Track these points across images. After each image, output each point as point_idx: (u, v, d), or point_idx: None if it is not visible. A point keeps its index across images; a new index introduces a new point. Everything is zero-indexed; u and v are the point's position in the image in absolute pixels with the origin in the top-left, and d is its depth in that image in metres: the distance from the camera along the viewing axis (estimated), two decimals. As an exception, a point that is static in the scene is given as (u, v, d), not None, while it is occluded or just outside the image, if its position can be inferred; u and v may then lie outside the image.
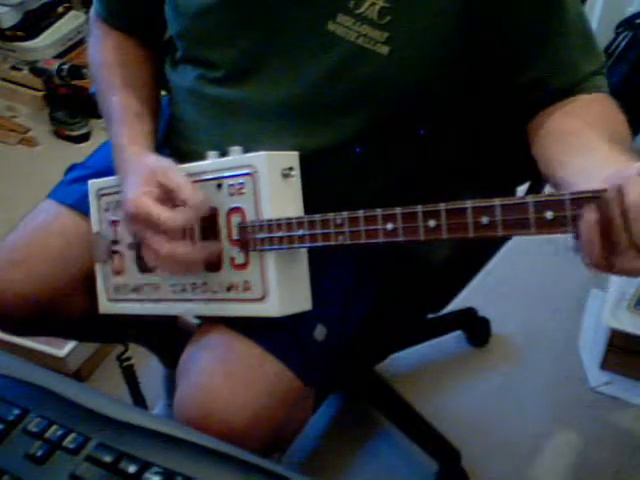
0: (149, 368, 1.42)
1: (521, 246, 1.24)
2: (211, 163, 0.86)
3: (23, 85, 2.48)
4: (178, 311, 0.95)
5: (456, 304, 1.23)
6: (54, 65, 2.26)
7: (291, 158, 0.83)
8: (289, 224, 0.78)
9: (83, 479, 0.59)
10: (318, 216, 0.76)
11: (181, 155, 0.95)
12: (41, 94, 2.42)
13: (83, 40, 2.57)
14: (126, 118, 0.93)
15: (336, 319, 0.93)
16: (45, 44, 2.49)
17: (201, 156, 0.87)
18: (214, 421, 0.80)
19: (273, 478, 0.59)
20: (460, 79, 0.89)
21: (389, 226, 0.70)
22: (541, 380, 1.59)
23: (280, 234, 0.79)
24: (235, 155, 0.85)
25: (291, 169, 0.82)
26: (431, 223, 0.67)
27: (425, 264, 1.06)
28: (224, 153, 0.86)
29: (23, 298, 0.95)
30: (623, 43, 1.75)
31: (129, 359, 1.15)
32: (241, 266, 0.84)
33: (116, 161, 0.91)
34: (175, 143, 1.00)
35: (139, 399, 1.20)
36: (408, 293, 1.08)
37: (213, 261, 0.85)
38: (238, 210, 0.83)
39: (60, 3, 2.59)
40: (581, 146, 0.74)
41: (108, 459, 0.59)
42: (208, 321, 0.91)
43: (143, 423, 0.63)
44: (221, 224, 0.85)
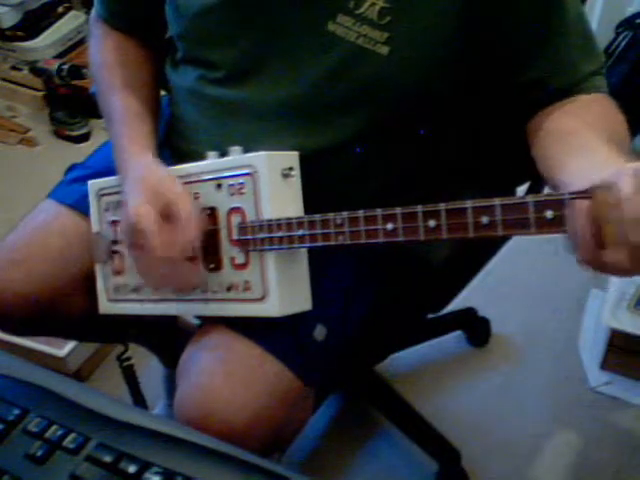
0: (149, 368, 1.42)
1: (521, 246, 1.24)
2: (211, 163, 0.86)
3: (23, 85, 2.48)
4: (178, 311, 0.95)
5: (456, 304, 1.23)
6: (54, 65, 2.26)
7: (291, 158, 0.83)
8: (289, 224, 0.78)
9: (83, 479, 0.59)
10: (318, 216, 0.76)
11: (181, 155, 0.96)
12: (41, 94, 2.42)
13: (83, 40, 2.57)
14: (126, 118, 0.93)
15: (336, 319, 0.93)
16: (45, 44, 2.49)
17: (201, 156, 0.87)
18: (214, 421, 0.80)
19: (273, 478, 0.59)
20: (460, 79, 0.89)
21: (389, 226, 0.70)
22: (541, 380, 1.59)
23: (280, 234, 0.79)
24: (235, 155, 0.85)
25: (291, 169, 0.82)
26: (431, 223, 0.67)
27: (425, 264, 1.06)
28: (224, 153, 0.86)
29: (23, 298, 0.95)
30: (623, 43, 1.75)
31: (129, 359, 1.14)
32: (241, 266, 0.84)
33: (117, 161, 0.91)
34: (175, 143, 1.00)
35: (139, 399, 1.20)
36: (408, 293, 1.08)
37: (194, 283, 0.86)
38: (238, 210, 0.83)
39: (60, 3, 2.59)
40: (579, 146, 0.74)
41: (108, 459, 0.59)
42: (208, 321, 0.91)
43: (143, 423, 0.63)
44: (221, 224, 0.85)
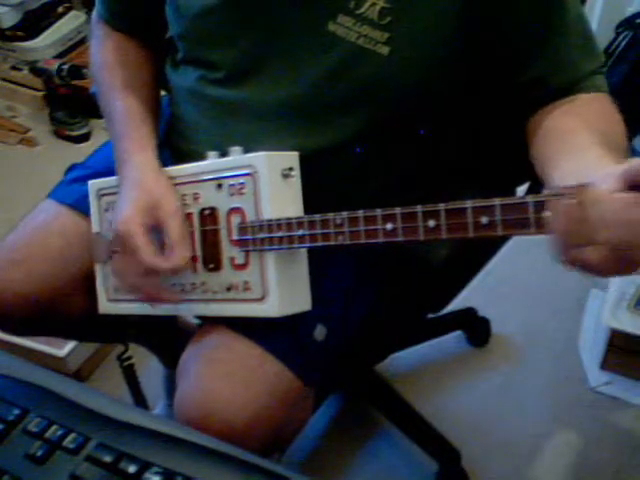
0: (149, 368, 1.42)
1: (521, 246, 1.23)
2: (211, 163, 0.86)
3: (23, 85, 2.48)
4: (178, 311, 0.95)
5: (456, 304, 1.23)
6: (54, 65, 2.26)
7: (291, 158, 0.83)
8: (289, 224, 0.78)
9: (83, 479, 0.59)
10: (318, 216, 0.76)
11: (181, 155, 0.96)
12: (41, 94, 2.42)
13: (83, 40, 2.57)
14: (127, 119, 0.93)
15: (336, 319, 0.93)
16: (45, 44, 2.49)
17: (201, 156, 0.87)
18: (214, 421, 0.80)
19: (273, 478, 0.59)
20: (460, 79, 0.89)
21: (389, 226, 0.70)
22: (541, 380, 1.59)
23: (280, 234, 0.79)
24: (235, 155, 0.85)
25: (291, 169, 0.82)
26: (431, 223, 0.67)
27: (425, 264, 1.06)
28: (224, 153, 0.86)
29: (23, 298, 0.95)
30: (623, 43, 1.75)
31: (129, 359, 1.14)
32: (241, 266, 0.84)
33: (117, 161, 0.91)
34: (175, 143, 1.00)
35: (140, 399, 1.20)
36: (408, 293, 1.08)
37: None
38: (238, 210, 0.83)
39: (60, 3, 2.59)
40: (574, 147, 0.74)
41: (108, 459, 0.59)
42: (208, 321, 0.91)
43: (143, 423, 0.63)
44: (221, 224, 0.85)
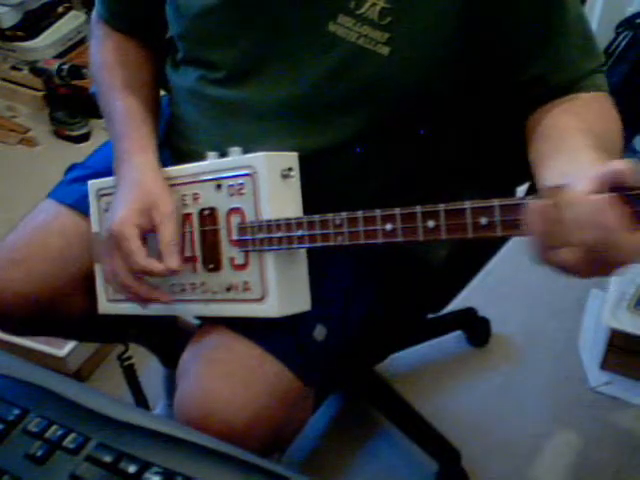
0: (149, 368, 1.42)
1: (521, 246, 1.23)
2: (211, 163, 0.86)
3: (23, 85, 2.48)
4: (178, 311, 0.95)
5: (456, 304, 1.23)
6: (54, 65, 2.26)
7: (290, 159, 0.83)
8: (288, 225, 0.78)
9: (83, 479, 0.59)
10: (317, 217, 0.76)
11: (181, 155, 0.96)
12: (41, 94, 2.42)
13: (83, 40, 2.57)
14: (127, 119, 0.93)
15: (336, 319, 0.93)
16: (45, 44, 2.49)
17: (201, 156, 0.87)
18: (214, 421, 0.80)
19: (273, 478, 0.59)
20: (460, 79, 0.89)
21: (388, 227, 0.70)
22: (541, 380, 1.59)
23: (279, 234, 0.79)
24: (234, 156, 0.85)
25: (290, 170, 0.82)
26: (430, 224, 0.67)
27: (425, 264, 1.06)
28: (224, 154, 0.86)
29: (23, 297, 0.95)
30: (623, 43, 1.75)
31: (129, 359, 1.14)
32: (241, 266, 0.84)
33: (116, 161, 0.91)
34: (175, 143, 1.00)
35: (140, 399, 1.20)
36: (408, 293, 1.08)
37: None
38: (238, 210, 0.83)
39: (60, 3, 2.59)
40: (568, 148, 0.74)
41: (108, 459, 0.59)
42: (208, 322, 0.91)
43: (143, 423, 0.63)
44: (221, 224, 0.85)
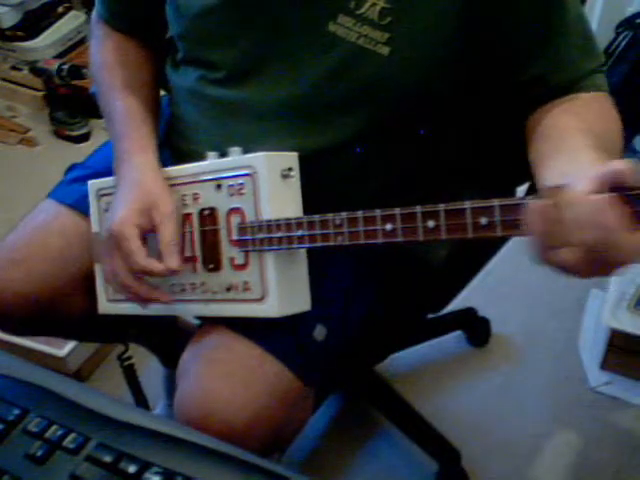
0: (149, 368, 1.42)
1: (521, 246, 1.23)
2: (211, 164, 0.86)
3: (23, 85, 2.48)
4: (178, 311, 0.95)
5: (456, 304, 1.23)
6: (54, 65, 2.26)
7: (290, 159, 0.83)
8: (288, 225, 0.78)
9: (83, 479, 0.59)
10: (317, 217, 0.76)
11: (181, 155, 0.96)
12: (41, 94, 2.42)
13: (83, 40, 2.57)
14: (127, 119, 0.93)
15: (336, 319, 0.93)
16: (45, 44, 2.49)
17: (201, 156, 0.87)
18: (214, 421, 0.80)
19: (273, 478, 0.59)
20: (460, 79, 0.89)
21: (388, 227, 0.70)
22: (541, 380, 1.59)
23: (279, 234, 0.79)
24: (234, 156, 0.85)
25: (290, 170, 0.82)
26: (430, 224, 0.67)
27: (425, 264, 1.06)
28: (224, 154, 0.86)
29: (23, 297, 0.95)
30: (623, 43, 1.75)
31: (129, 359, 1.14)
32: (240, 266, 0.84)
33: (116, 162, 0.91)
34: (175, 143, 1.00)
35: (140, 399, 1.20)
36: (408, 293, 1.08)
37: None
38: (237, 210, 0.83)
39: (60, 3, 2.59)
40: (568, 148, 0.74)
41: (108, 459, 0.59)
42: (208, 322, 0.91)
43: (143, 423, 0.63)
44: (221, 224, 0.85)
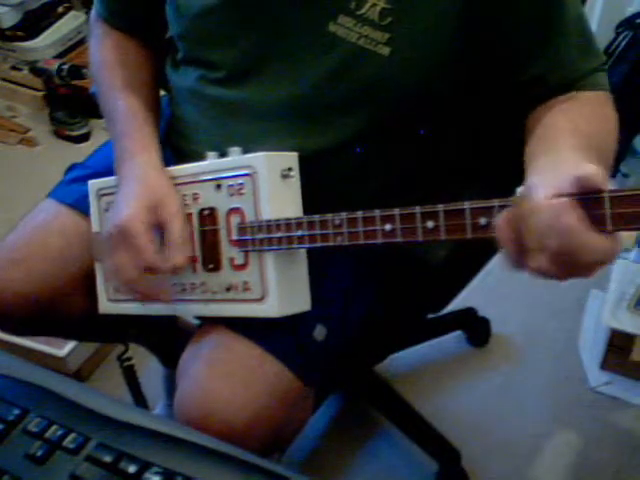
0: (149, 368, 1.42)
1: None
2: (210, 163, 0.86)
3: (23, 85, 2.48)
4: (178, 311, 0.95)
5: (456, 304, 1.23)
6: (54, 65, 2.26)
7: (290, 159, 0.83)
8: (288, 225, 0.78)
9: (83, 479, 0.59)
10: (317, 217, 0.76)
11: (181, 155, 0.96)
12: (41, 94, 2.42)
13: (83, 40, 2.57)
14: (128, 118, 0.93)
15: (336, 319, 0.93)
16: (45, 44, 2.49)
17: (201, 156, 0.87)
18: (214, 421, 0.81)
19: (273, 478, 0.59)
20: (460, 79, 0.89)
21: (387, 227, 0.70)
22: (541, 380, 1.59)
23: (279, 235, 0.79)
24: (234, 156, 0.85)
25: (290, 170, 0.82)
26: (429, 224, 0.67)
27: (424, 264, 1.06)
28: (224, 154, 0.86)
29: (23, 297, 0.95)
30: (623, 43, 1.75)
31: (130, 359, 1.14)
32: (240, 266, 0.84)
33: (117, 161, 0.91)
34: (175, 143, 1.00)
35: (140, 399, 1.20)
36: (408, 293, 1.08)
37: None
38: (237, 210, 0.83)
39: (60, 3, 2.59)
40: (554, 149, 0.73)
41: (108, 459, 0.59)
42: (208, 322, 0.91)
43: (143, 423, 0.63)
44: (220, 224, 0.85)
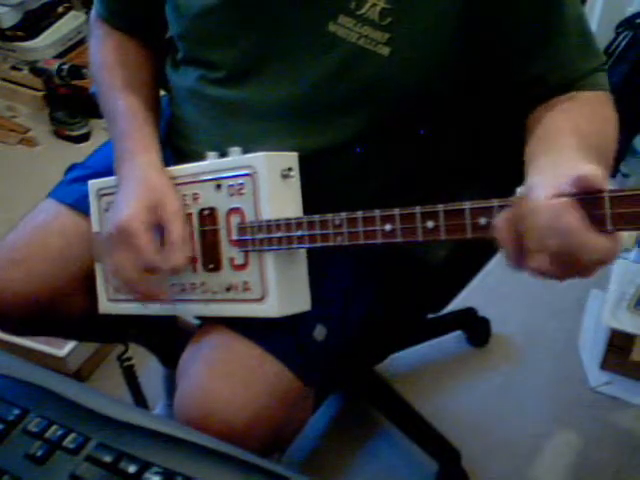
0: (149, 368, 1.42)
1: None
2: (211, 163, 0.86)
3: (23, 85, 2.48)
4: (178, 311, 0.95)
5: (456, 304, 1.23)
6: (54, 65, 2.26)
7: (290, 159, 0.83)
8: (288, 225, 0.78)
9: (83, 479, 0.59)
10: (317, 217, 0.76)
11: (181, 155, 0.96)
12: (41, 94, 2.42)
13: (83, 40, 2.57)
14: (129, 118, 0.93)
15: (336, 319, 0.93)
16: (45, 44, 2.49)
17: (201, 156, 0.87)
18: (214, 421, 0.81)
19: (273, 478, 0.59)
20: (460, 79, 0.89)
21: (387, 227, 0.70)
22: (541, 380, 1.59)
23: (279, 235, 0.79)
24: (234, 156, 0.85)
25: (290, 170, 0.82)
26: (429, 224, 0.67)
27: (424, 264, 1.06)
28: (224, 154, 0.86)
29: (23, 297, 0.95)
30: (623, 43, 1.75)
31: (129, 359, 1.14)
32: (240, 266, 0.84)
33: (117, 161, 0.91)
34: (175, 143, 1.00)
35: (140, 399, 1.20)
36: (408, 293, 1.08)
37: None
38: (237, 210, 0.83)
39: (60, 3, 2.59)
40: (553, 149, 0.73)
41: (108, 459, 0.59)
42: (208, 322, 0.91)
43: (143, 423, 0.63)
44: (220, 224, 0.85)
